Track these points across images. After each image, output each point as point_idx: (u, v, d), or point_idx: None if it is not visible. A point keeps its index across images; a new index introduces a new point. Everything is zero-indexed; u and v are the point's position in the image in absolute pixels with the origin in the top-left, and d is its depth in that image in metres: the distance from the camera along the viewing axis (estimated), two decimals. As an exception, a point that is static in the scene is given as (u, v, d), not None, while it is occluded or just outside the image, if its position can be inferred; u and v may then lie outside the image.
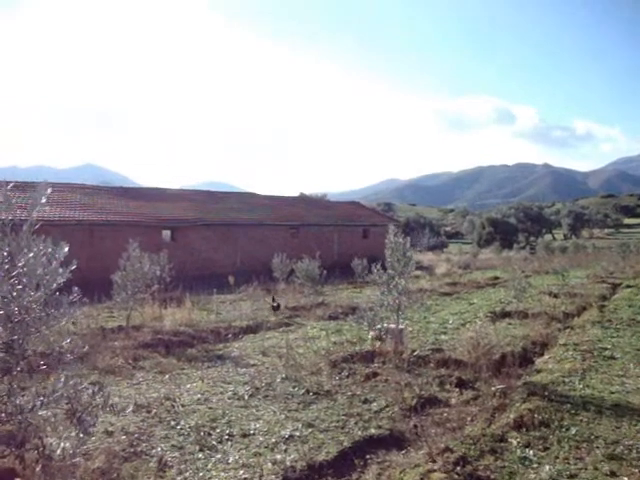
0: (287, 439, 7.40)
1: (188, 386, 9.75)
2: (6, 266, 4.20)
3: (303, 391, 9.36)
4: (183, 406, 8.66)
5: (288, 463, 6.62)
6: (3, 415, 4.12)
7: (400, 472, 6.44)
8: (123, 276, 13.58)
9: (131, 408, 8.06)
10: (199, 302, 19.18)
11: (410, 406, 8.58)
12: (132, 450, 6.97)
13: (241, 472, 6.40)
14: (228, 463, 6.67)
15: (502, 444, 7.06)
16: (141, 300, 14.81)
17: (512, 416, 7.84)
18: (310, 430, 7.70)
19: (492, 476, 6.20)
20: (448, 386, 9.69)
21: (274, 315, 17.32)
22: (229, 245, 33.49)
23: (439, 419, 8.19)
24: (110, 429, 7.42)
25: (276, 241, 33.67)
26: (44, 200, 4.38)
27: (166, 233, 31.59)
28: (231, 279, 22.86)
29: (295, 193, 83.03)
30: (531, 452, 6.83)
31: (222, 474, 6.38)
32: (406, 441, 7.50)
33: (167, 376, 10.41)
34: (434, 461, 6.47)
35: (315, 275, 21.49)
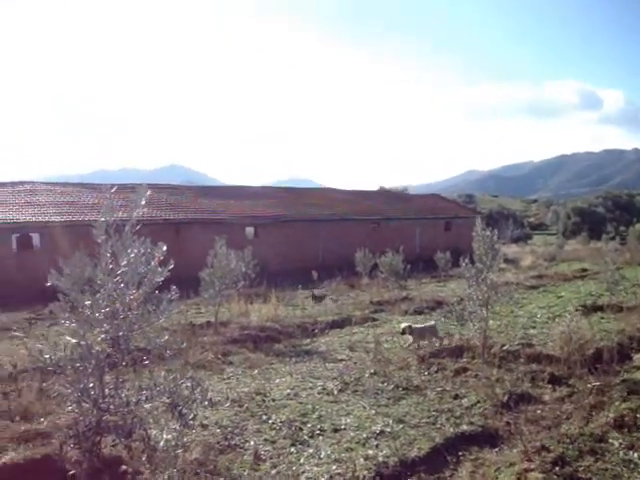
0: (378, 434, 7.38)
1: (277, 381, 9.88)
2: (110, 266, 4.36)
3: (392, 386, 9.30)
4: (274, 401, 8.78)
5: (380, 459, 6.60)
6: (112, 407, 4.29)
7: (495, 470, 6.31)
8: (210, 273, 13.89)
9: (228, 403, 8.22)
10: (284, 298, 19.40)
11: (502, 402, 8.38)
12: (226, 443, 7.13)
13: (334, 467, 6.42)
14: (320, 458, 6.71)
15: (602, 445, 6.78)
16: (228, 296, 15.12)
17: (612, 415, 7.51)
18: (401, 426, 7.65)
19: (594, 479, 5.97)
20: (540, 382, 9.40)
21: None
22: (311, 241, 33.74)
23: (533, 416, 7.95)
24: (205, 422, 7.60)
25: (358, 236, 33.63)
26: (144, 202, 4.52)
27: (249, 230, 32.15)
28: (314, 274, 23.02)
29: (375, 187, 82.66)
30: (635, 455, 6.53)
31: (315, 469, 6.42)
32: (499, 438, 7.32)
33: (256, 371, 10.59)
34: (530, 460, 6.30)
35: (399, 269, 21.34)
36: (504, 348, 10.99)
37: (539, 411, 8.12)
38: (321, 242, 34.07)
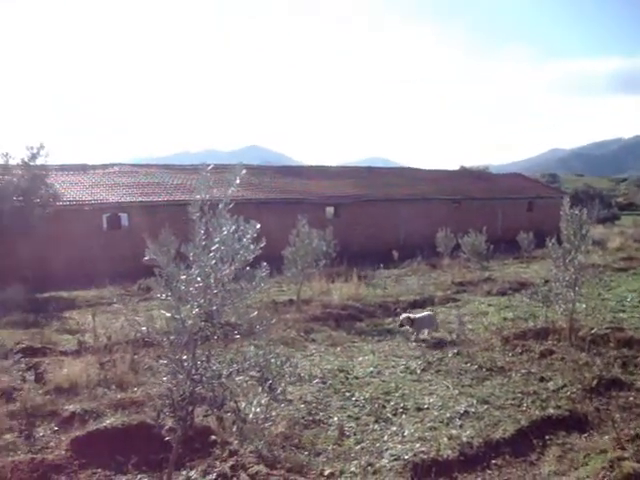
0: (462, 415, 7.34)
1: (360, 359, 9.95)
2: (204, 242, 4.49)
3: (476, 367, 9.21)
4: (357, 378, 8.86)
5: (464, 439, 6.56)
6: (204, 379, 4.44)
7: (584, 456, 6.17)
8: (293, 252, 14.07)
9: (317, 379, 8.35)
10: (365, 277, 19.44)
11: (591, 387, 8.14)
12: (311, 418, 7.28)
13: (417, 445, 6.44)
14: (404, 436, 6.74)
15: (701, 435, 6.50)
16: (310, 275, 15.29)
17: None
18: (485, 407, 7.58)
19: (691, 469, 5.73)
20: (632, 368, 9.07)
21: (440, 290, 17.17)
22: (391, 220, 33.55)
23: (624, 403, 7.70)
24: (289, 397, 7.76)
25: (438, 216, 33.17)
26: (238, 181, 4.62)
27: (329, 210, 32.26)
28: (395, 254, 22.92)
29: (455, 166, 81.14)
30: None
31: (399, 446, 6.46)
32: (588, 424, 7.13)
33: (339, 349, 10.70)
34: (623, 448, 6.11)
35: (482, 250, 20.96)
36: (592, 331, 10.66)
37: (631, 398, 7.86)
38: (401, 222, 33.82)
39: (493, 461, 6.22)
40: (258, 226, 4.54)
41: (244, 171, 4.67)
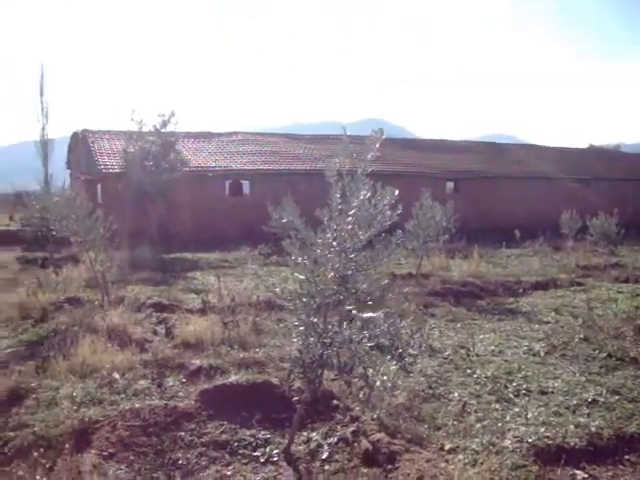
0: (590, 403, 6.97)
1: (481, 337, 9.72)
2: (340, 206, 4.49)
3: (605, 355, 8.73)
4: (478, 355, 8.66)
5: (593, 429, 6.23)
6: (336, 343, 4.46)
7: None
8: (415, 225, 13.91)
9: (448, 351, 8.20)
10: (485, 254, 18.96)
11: None
12: (431, 392, 7.18)
13: (542, 429, 6.19)
14: (527, 418, 6.50)
15: None
16: (430, 249, 15.09)
17: None
18: (616, 397, 7.15)
19: None
20: None
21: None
22: (512, 198, 32.44)
23: None
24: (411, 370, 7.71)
25: (563, 196, 31.71)
26: (377, 145, 4.57)
27: (449, 185, 31.69)
28: (517, 233, 22.19)
29: (584, 145, 76.98)
30: None
31: (522, 428, 6.24)
32: None
33: (459, 325, 10.51)
34: None
35: (612, 233, 19.83)
36: None
37: None
38: (523, 200, 32.62)
39: (626, 457, 5.86)
40: (396, 192, 4.47)
41: (383, 136, 4.59)
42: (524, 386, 7.46)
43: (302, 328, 4.70)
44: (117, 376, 7.20)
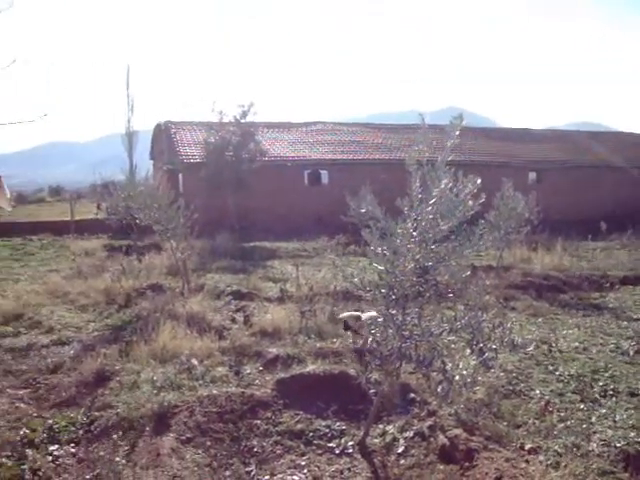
0: (687, 409, 6.58)
1: (564, 332, 9.36)
2: (420, 195, 4.37)
3: None
4: (560, 352, 8.34)
5: (692, 437, 5.87)
6: (415, 336, 4.37)
7: None
8: (496, 215, 13.54)
9: (532, 347, 7.88)
10: (569, 247, 18.28)
11: None
12: (511, 388, 6.96)
13: (632, 434, 5.85)
14: (615, 421, 6.18)
15: None
16: (511, 241, 14.69)
17: None
18: None
19: None
20: None
21: None
22: (598, 189, 31.13)
23: None
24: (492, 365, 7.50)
25: (655, 186, 30.26)
26: (457, 132, 4.43)
27: (532, 175, 30.74)
28: (603, 225, 21.28)
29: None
30: None
31: (609, 431, 5.93)
32: None
33: (540, 319, 10.17)
34: None
35: None
36: None
37: None
38: (610, 191, 31.25)
39: None
40: (479, 181, 4.32)
41: (463, 122, 4.44)
42: (611, 386, 7.11)
43: (380, 320, 4.63)
44: (196, 362, 7.34)
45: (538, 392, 6.85)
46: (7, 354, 8.33)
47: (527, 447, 5.51)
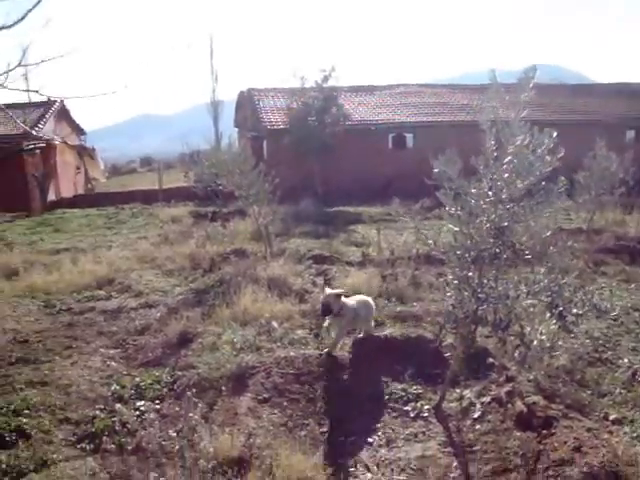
0: None
1: (659, 299, 8.90)
2: (495, 153, 4.21)
3: None
4: (654, 320, 7.94)
5: None
6: (490, 299, 4.24)
7: None
8: (587, 176, 12.93)
9: (617, 311, 7.49)
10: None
11: None
12: (597, 355, 6.70)
13: None
14: None
15: None
16: (603, 203, 14.02)
17: None
18: None
19: None
20: None
21: None
22: None
23: None
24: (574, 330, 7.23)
25: None
26: (531, 85, 4.21)
27: (630, 133, 29.08)
28: None
29: None
30: None
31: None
32: None
33: (632, 285, 9.69)
34: None
35: None
36: None
37: None
38: None
39: None
40: (555, 134, 4.09)
41: (535, 78, 4.21)
42: None
43: (456, 282, 4.52)
44: (276, 325, 7.46)
45: (626, 361, 6.55)
46: (100, 316, 8.76)
47: (611, 417, 5.31)
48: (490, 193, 4.16)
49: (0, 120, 24.30)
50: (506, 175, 4.13)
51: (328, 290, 6.67)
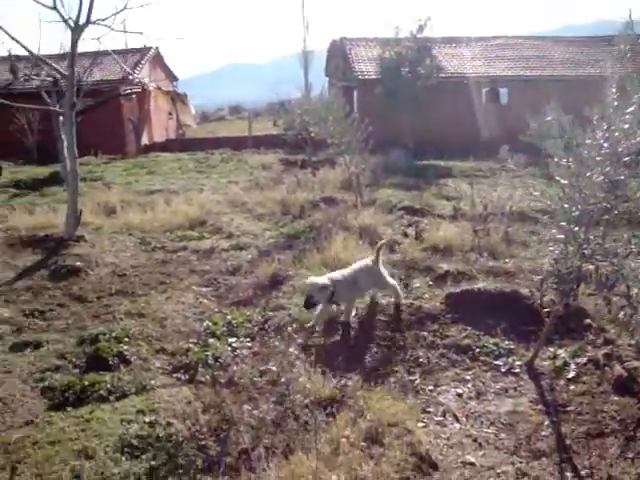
0: None
1: None
2: (615, 102, 3.98)
3: None
4: None
5: None
6: (598, 255, 4.08)
7: None
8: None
9: None
10: None
11: None
12: None
13: None
14: None
15: None
16: None
17: None
18: None
19: None
20: None
21: None
22: None
23: None
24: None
25: None
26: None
27: None
28: None
29: None
30: None
31: None
32: None
33: None
34: None
35: None
36: None
37: None
38: None
39: None
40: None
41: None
42: None
43: (561, 236, 4.36)
44: (365, 272, 7.48)
45: None
46: (192, 255, 9.07)
47: None
48: (606, 145, 3.95)
49: (101, 65, 25.05)
50: (626, 126, 3.90)
51: (312, 279, 6.05)
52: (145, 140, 28.26)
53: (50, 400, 4.94)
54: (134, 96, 27.34)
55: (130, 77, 25.37)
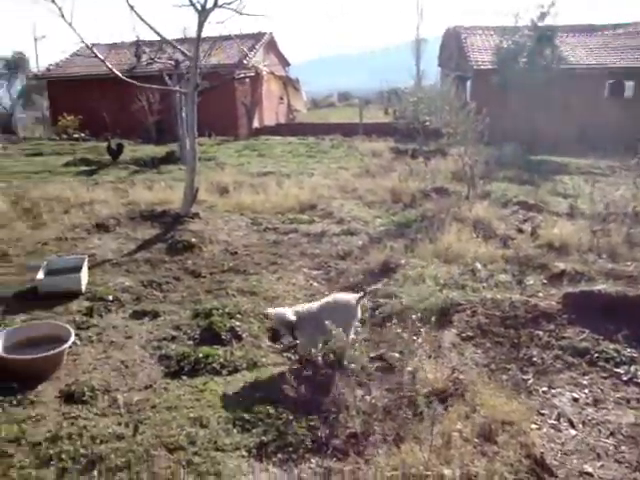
0: None
1: None
2: None
3: None
4: None
5: None
6: None
7: None
8: None
9: None
10: None
11: None
12: None
13: None
14: None
15: None
16: None
17: None
18: None
19: None
20: None
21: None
22: None
23: None
24: None
25: None
26: None
27: None
28: None
29: None
30: None
31: None
32: None
33: None
34: None
35: None
36: None
37: None
38: None
39: None
40: None
41: None
42: None
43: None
44: (479, 266, 7.34)
45: None
46: (303, 238, 9.22)
47: None
48: None
49: (218, 49, 25.75)
50: None
51: (274, 310, 5.42)
52: (256, 123, 28.87)
53: (167, 368, 5.20)
54: (247, 80, 27.96)
55: (245, 61, 25.92)
